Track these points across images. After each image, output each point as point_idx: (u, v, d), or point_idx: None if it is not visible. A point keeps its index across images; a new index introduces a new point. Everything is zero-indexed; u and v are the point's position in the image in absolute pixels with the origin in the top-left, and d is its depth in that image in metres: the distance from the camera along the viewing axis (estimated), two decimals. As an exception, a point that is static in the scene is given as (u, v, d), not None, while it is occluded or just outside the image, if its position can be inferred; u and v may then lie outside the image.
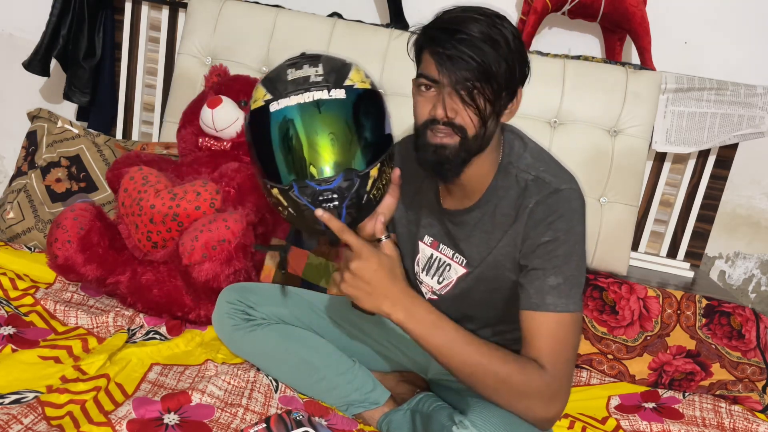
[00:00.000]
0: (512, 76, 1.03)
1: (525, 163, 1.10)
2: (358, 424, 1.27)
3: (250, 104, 1.05)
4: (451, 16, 1.02)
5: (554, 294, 1.03)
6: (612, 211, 1.84)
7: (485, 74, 0.99)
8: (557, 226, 1.05)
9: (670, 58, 1.98)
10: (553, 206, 1.06)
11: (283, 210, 1.05)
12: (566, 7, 1.88)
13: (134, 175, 1.54)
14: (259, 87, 1.04)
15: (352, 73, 1.04)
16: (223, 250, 1.41)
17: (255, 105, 1.02)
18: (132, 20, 2.12)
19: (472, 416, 0.99)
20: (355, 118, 1.01)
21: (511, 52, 1.01)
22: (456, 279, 1.19)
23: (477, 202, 1.13)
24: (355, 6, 2.08)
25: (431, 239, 1.22)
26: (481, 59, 0.98)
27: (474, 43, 0.98)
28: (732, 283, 2.26)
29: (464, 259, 1.17)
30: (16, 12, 2.30)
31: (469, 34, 0.99)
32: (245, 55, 1.94)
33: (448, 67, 0.99)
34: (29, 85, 2.30)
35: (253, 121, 1.03)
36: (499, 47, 0.99)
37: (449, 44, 0.99)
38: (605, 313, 1.59)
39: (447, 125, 1.02)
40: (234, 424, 1.19)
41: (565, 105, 1.83)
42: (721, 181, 1.99)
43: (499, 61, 0.99)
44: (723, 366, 1.53)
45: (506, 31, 1.01)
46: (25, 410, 1.13)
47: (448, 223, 1.18)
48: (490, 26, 1.00)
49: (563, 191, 1.06)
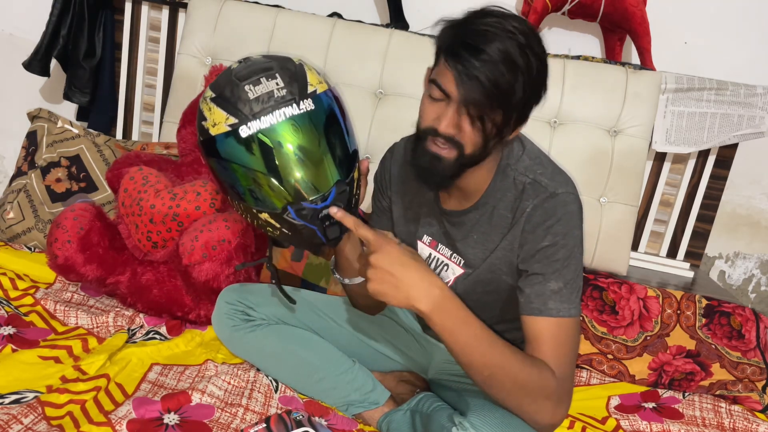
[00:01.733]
0: (526, 102, 1.00)
1: (523, 166, 1.10)
2: (358, 424, 1.27)
3: (204, 127, 0.99)
4: (481, 29, 0.96)
5: (556, 299, 1.03)
6: (612, 211, 1.84)
7: (499, 99, 0.95)
8: (556, 230, 1.04)
9: (670, 58, 1.98)
10: (551, 210, 1.05)
11: (273, 230, 1.02)
12: (566, 7, 1.88)
13: (134, 175, 1.55)
14: (215, 109, 0.98)
15: (309, 76, 1.02)
16: (223, 250, 1.41)
17: (217, 130, 0.98)
18: (132, 20, 2.12)
19: (472, 417, 0.99)
20: (328, 127, 1.00)
21: (530, 78, 0.96)
22: (453, 279, 1.19)
23: (475, 203, 1.13)
24: (355, 6, 2.08)
25: (430, 239, 1.22)
26: (498, 83, 0.94)
27: (497, 67, 0.94)
28: (732, 283, 2.26)
29: (462, 260, 1.17)
30: (16, 12, 2.30)
31: (491, 54, 0.93)
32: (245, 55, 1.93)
33: (464, 85, 0.95)
34: (29, 85, 2.30)
35: (221, 148, 0.98)
36: (521, 75, 0.95)
37: (470, 63, 0.94)
38: (605, 313, 1.59)
39: (447, 140, 1.00)
40: (234, 424, 1.19)
41: (565, 105, 1.83)
42: (721, 181, 1.99)
43: (517, 89, 0.95)
44: (723, 366, 1.53)
45: (531, 56, 0.96)
46: (25, 410, 1.13)
47: (446, 224, 1.18)
48: (520, 48, 0.95)
49: (560, 195, 1.06)
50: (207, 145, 1.01)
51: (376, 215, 1.33)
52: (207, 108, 1.00)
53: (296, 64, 1.03)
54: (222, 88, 1.00)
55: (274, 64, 1.01)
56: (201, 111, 1.02)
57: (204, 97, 1.02)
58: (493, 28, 0.95)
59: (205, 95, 1.02)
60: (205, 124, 1.00)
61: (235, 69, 1.03)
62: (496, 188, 1.11)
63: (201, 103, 1.03)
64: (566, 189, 1.08)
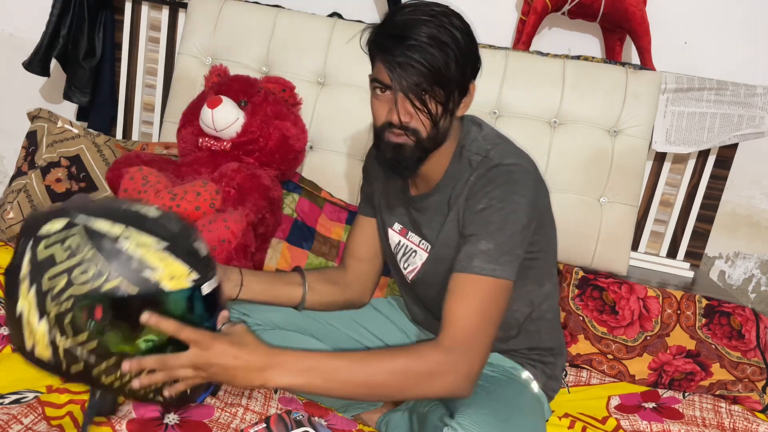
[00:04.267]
0: (463, 75, 1.05)
1: (477, 146, 1.14)
2: (357, 425, 1.27)
3: (155, 280, 0.90)
4: (401, 20, 1.04)
5: (482, 258, 1.05)
6: (612, 211, 1.84)
7: (435, 78, 1.02)
8: (492, 194, 1.07)
9: (670, 58, 1.98)
10: (492, 177, 1.08)
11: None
12: (566, 7, 1.88)
13: (134, 175, 1.54)
14: (177, 263, 0.92)
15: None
16: (223, 250, 1.41)
17: (176, 284, 0.92)
18: (132, 20, 2.12)
19: (459, 417, 1.00)
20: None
21: (461, 52, 1.03)
22: (420, 264, 1.22)
23: (434, 187, 1.17)
24: (355, 6, 2.08)
25: (400, 227, 1.26)
26: (430, 64, 1.01)
27: (423, 48, 1.00)
28: (732, 283, 2.26)
29: (429, 245, 1.20)
30: (16, 12, 2.30)
31: (417, 39, 1.00)
32: (245, 55, 1.94)
33: (399, 73, 1.02)
34: (29, 85, 2.30)
35: (178, 299, 0.93)
36: (448, 49, 1.01)
37: (398, 51, 1.01)
38: (605, 313, 1.59)
39: (403, 128, 1.06)
40: (234, 424, 1.19)
41: (565, 105, 1.83)
42: (721, 181, 1.99)
43: (448, 63, 1.02)
44: (723, 366, 1.53)
45: (455, 31, 1.03)
46: (25, 410, 1.13)
47: (412, 210, 1.22)
48: (439, 27, 1.01)
49: (505, 165, 1.09)
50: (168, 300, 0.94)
51: (362, 203, 1.38)
52: (167, 262, 0.93)
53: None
54: (177, 238, 0.96)
55: (196, 231, 1.02)
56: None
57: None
58: (412, 16, 1.03)
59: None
60: (158, 276, 0.92)
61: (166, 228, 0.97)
62: (453, 170, 1.15)
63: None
64: (515, 160, 1.10)
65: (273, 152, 1.67)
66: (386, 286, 1.67)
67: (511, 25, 2.04)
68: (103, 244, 0.90)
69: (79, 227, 0.91)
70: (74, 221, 0.92)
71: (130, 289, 0.90)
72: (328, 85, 1.90)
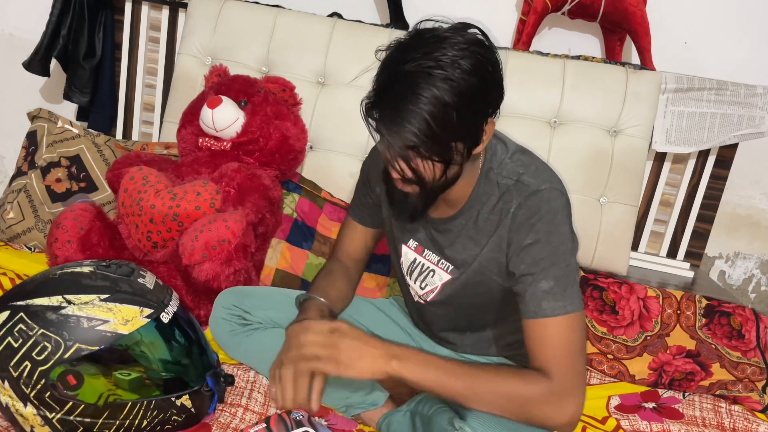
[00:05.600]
0: (471, 126, 0.99)
1: (506, 169, 1.11)
2: (357, 425, 1.27)
3: (111, 330, 1.03)
4: (400, 72, 0.94)
5: (549, 299, 1.03)
6: (612, 211, 1.84)
7: (432, 139, 0.94)
8: (539, 227, 1.05)
9: (670, 58, 1.98)
10: (534, 208, 1.06)
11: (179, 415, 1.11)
12: (566, 7, 1.88)
13: (134, 175, 1.54)
14: (126, 307, 1.04)
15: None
16: (223, 250, 1.41)
17: (132, 326, 1.03)
18: (132, 20, 2.12)
19: (472, 421, 1.00)
20: None
21: (467, 102, 0.94)
22: (441, 285, 1.19)
23: (460, 210, 1.14)
24: (355, 6, 2.08)
25: (416, 244, 1.23)
26: (433, 129, 0.93)
27: (417, 113, 0.93)
28: (732, 283, 2.26)
29: (450, 265, 1.18)
30: (16, 12, 2.30)
31: (414, 110, 0.93)
32: (245, 55, 1.94)
33: (392, 139, 0.96)
34: (29, 85, 2.30)
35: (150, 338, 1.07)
36: (449, 107, 0.93)
37: (388, 118, 0.95)
38: (605, 313, 1.59)
39: (405, 181, 1.03)
40: (234, 424, 1.19)
41: (565, 105, 1.83)
42: (721, 181, 1.99)
43: (447, 121, 0.94)
44: (723, 366, 1.53)
45: (462, 82, 0.93)
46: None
47: (432, 231, 1.19)
48: (443, 81, 0.92)
49: (543, 191, 1.06)
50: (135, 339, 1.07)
51: (356, 207, 1.35)
52: (107, 309, 1.04)
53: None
54: (117, 286, 1.08)
55: (139, 270, 1.15)
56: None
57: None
58: (413, 65, 0.93)
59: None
60: (110, 324, 1.03)
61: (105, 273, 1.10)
62: (480, 193, 1.12)
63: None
64: (550, 184, 1.08)
65: (273, 152, 1.67)
66: (386, 286, 1.67)
67: (511, 25, 2.04)
68: (48, 319, 1.00)
69: (20, 314, 1.01)
70: (15, 309, 1.01)
71: (91, 348, 1.01)
72: (328, 85, 1.90)
